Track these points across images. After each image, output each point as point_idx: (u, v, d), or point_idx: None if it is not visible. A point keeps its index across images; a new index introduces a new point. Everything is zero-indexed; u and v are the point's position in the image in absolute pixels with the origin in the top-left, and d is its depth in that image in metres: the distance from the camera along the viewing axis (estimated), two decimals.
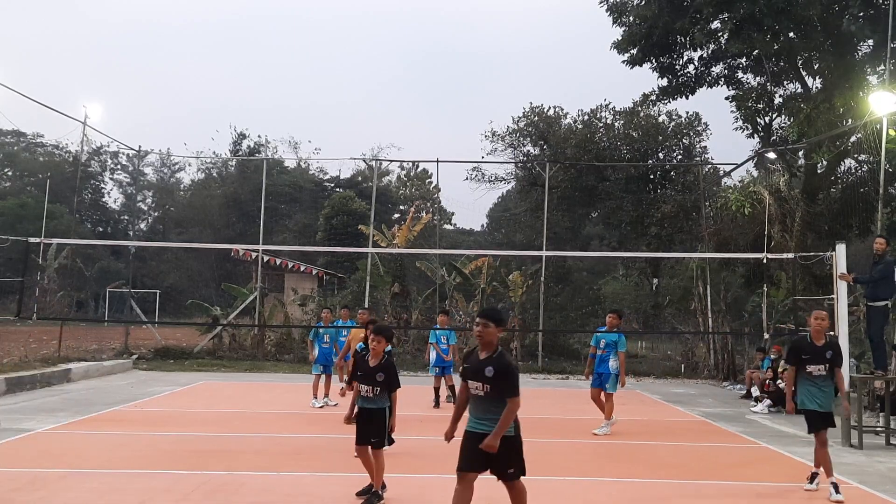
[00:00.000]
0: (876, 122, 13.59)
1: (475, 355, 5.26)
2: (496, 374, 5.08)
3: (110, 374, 17.86)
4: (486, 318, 5.23)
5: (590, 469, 8.66)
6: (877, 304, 11.19)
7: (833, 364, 7.53)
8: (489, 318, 5.23)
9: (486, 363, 5.11)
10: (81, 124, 20.52)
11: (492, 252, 28.06)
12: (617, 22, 21.90)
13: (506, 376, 5.09)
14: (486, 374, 5.07)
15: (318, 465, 8.33)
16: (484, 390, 5.10)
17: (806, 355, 7.57)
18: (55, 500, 6.62)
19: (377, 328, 7.03)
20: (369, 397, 6.66)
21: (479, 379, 5.11)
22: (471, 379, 5.20)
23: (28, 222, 33.95)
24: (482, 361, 5.15)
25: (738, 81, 22.37)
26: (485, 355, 5.17)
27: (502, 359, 5.17)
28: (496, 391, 5.08)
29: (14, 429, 9.96)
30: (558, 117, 30.37)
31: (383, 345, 6.79)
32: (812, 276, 18.37)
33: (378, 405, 6.66)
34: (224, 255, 37.43)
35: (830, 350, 7.57)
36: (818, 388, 7.52)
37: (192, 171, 58.66)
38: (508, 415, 5.06)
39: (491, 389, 5.08)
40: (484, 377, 5.09)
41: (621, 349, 10.89)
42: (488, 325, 5.18)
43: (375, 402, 6.66)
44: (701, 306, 21.31)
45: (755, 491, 7.64)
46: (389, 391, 6.69)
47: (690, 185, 25.79)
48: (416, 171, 49.86)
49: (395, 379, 6.73)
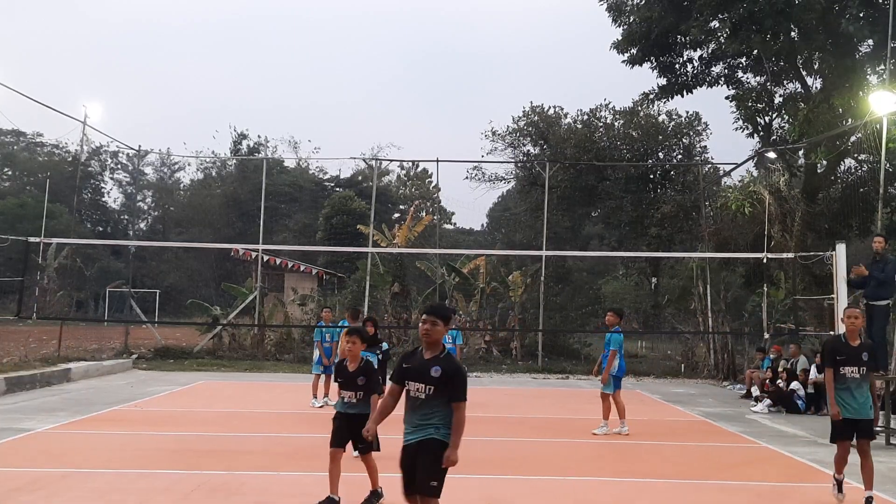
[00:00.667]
0: (876, 121, 13.59)
1: (418, 355, 4.89)
2: (443, 376, 4.73)
3: (110, 373, 17.86)
4: (434, 316, 4.86)
5: (590, 469, 8.66)
6: (878, 303, 11.16)
7: (869, 367, 7.05)
8: (438, 316, 4.87)
9: (433, 363, 4.77)
10: (81, 124, 20.54)
11: (492, 252, 28.06)
12: (616, 21, 21.91)
13: (455, 378, 4.75)
14: (433, 375, 4.73)
15: (318, 464, 8.31)
16: (427, 392, 4.75)
17: (841, 356, 7.04)
18: (55, 499, 6.62)
19: (351, 329, 6.83)
20: (353, 402, 6.48)
21: (423, 380, 4.76)
22: (412, 380, 4.83)
23: (28, 222, 33.95)
24: (428, 361, 4.80)
25: (738, 81, 22.37)
26: (430, 355, 4.83)
27: (451, 360, 4.86)
28: (440, 394, 4.73)
29: (14, 428, 9.96)
30: (558, 117, 30.38)
31: (359, 346, 6.57)
32: (812, 276, 18.36)
33: (361, 410, 6.40)
34: (224, 254, 37.44)
35: (866, 351, 7.08)
36: (850, 392, 7.03)
37: (191, 170, 58.72)
38: (461, 422, 4.73)
39: (435, 392, 4.73)
40: (430, 378, 4.74)
41: (613, 347, 10.77)
42: (437, 322, 4.81)
43: (358, 408, 6.44)
44: (701, 306, 21.31)
45: (755, 491, 7.64)
46: (369, 395, 6.48)
47: (690, 184, 25.79)
48: (415, 170, 49.85)
49: (375, 382, 6.52)
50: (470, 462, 8.62)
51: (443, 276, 23.74)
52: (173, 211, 54.14)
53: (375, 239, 25.08)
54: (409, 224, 26.64)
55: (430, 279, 24.83)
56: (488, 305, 24.59)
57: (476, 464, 8.48)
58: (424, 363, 4.80)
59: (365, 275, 22.35)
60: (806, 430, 11.64)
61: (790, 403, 13.92)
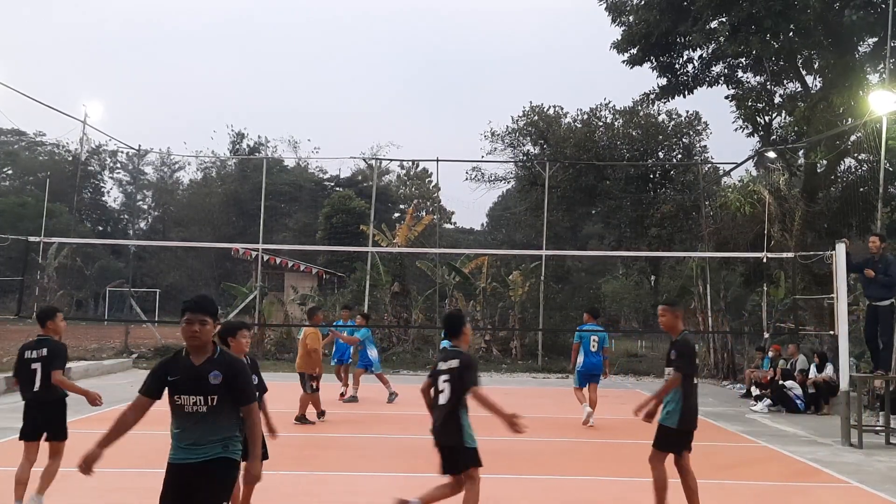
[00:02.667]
0: (876, 121, 13.58)
1: (183, 361, 3.96)
2: (227, 380, 3.89)
3: (110, 373, 17.86)
4: (201, 313, 3.94)
5: (590, 469, 8.66)
6: (882, 303, 11.09)
7: (674, 366, 6.10)
8: (206, 313, 3.96)
9: (208, 368, 3.90)
10: (81, 123, 20.54)
11: (492, 251, 28.07)
12: (616, 21, 21.88)
13: (241, 378, 3.95)
14: (212, 382, 3.86)
15: (318, 464, 8.33)
16: (209, 404, 3.87)
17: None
18: (55, 498, 6.62)
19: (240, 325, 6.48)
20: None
21: (200, 391, 3.87)
22: (183, 394, 3.90)
23: (28, 221, 33.95)
24: (201, 367, 3.90)
25: (737, 81, 22.35)
26: (202, 359, 3.93)
27: (227, 357, 4.05)
28: (225, 402, 3.90)
29: (14, 428, 9.93)
30: (558, 116, 30.39)
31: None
32: (812, 276, 18.35)
33: None
34: (224, 253, 37.47)
35: (673, 350, 6.16)
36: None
37: (191, 170, 58.78)
38: (255, 428, 4.03)
39: (218, 401, 3.88)
40: (208, 387, 3.86)
41: (576, 340, 11.67)
42: (206, 322, 3.94)
43: None
44: (701, 305, 21.31)
45: (755, 490, 7.64)
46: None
47: (690, 184, 25.81)
48: (415, 170, 49.84)
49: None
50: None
51: (443, 276, 23.75)
52: (173, 210, 54.16)
53: (375, 238, 25.09)
54: (409, 224, 26.64)
55: (430, 279, 24.84)
56: (488, 305, 24.60)
57: None
58: (196, 370, 3.91)
59: (365, 274, 22.36)
60: (806, 430, 11.64)
61: (790, 403, 13.93)
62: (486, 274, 24.37)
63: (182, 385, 3.92)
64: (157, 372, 4.06)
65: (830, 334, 12.71)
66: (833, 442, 10.48)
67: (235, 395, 3.95)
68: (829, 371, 13.95)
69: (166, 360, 4.11)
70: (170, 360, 4.07)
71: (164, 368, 4.03)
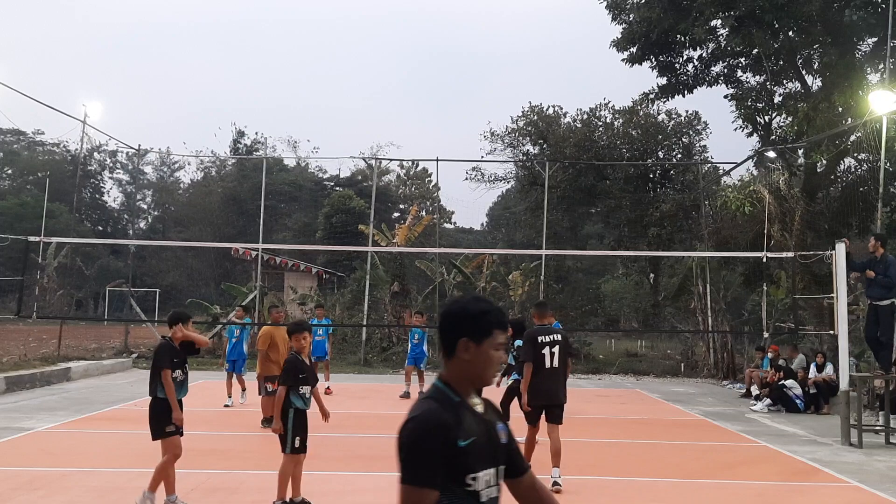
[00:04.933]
0: (876, 120, 13.58)
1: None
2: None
3: (110, 372, 17.87)
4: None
5: (589, 468, 8.66)
6: (882, 303, 11.10)
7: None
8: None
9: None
10: (81, 123, 20.52)
11: (491, 251, 28.06)
12: (616, 20, 21.88)
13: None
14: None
15: (317, 464, 8.32)
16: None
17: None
18: (55, 498, 6.62)
19: (303, 325, 6.89)
20: (308, 397, 6.50)
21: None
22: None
23: (28, 221, 33.92)
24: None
25: (737, 80, 22.36)
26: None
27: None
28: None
29: (14, 427, 9.96)
30: (557, 116, 30.33)
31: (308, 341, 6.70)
32: (812, 275, 18.35)
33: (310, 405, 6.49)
34: (224, 253, 37.43)
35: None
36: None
37: (191, 169, 58.71)
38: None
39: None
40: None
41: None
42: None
43: (311, 402, 6.52)
44: (701, 305, 21.31)
45: (755, 490, 7.63)
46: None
47: (690, 184, 25.79)
48: (415, 169, 49.82)
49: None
50: None
51: (442, 275, 23.74)
52: (173, 210, 54.12)
53: (375, 238, 25.08)
54: (410, 224, 26.63)
55: (429, 278, 24.83)
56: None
57: None
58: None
59: (365, 274, 22.36)
60: (806, 430, 11.64)
61: (790, 402, 13.93)
62: (486, 274, 24.37)
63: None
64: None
65: (830, 334, 12.71)
66: (833, 441, 10.48)
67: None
68: (829, 371, 13.96)
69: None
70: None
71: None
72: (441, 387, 2.33)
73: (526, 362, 7.61)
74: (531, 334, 7.70)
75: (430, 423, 2.18)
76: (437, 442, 2.15)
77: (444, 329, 2.37)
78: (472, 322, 2.32)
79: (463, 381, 2.35)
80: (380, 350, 22.42)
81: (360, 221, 31.87)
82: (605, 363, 23.05)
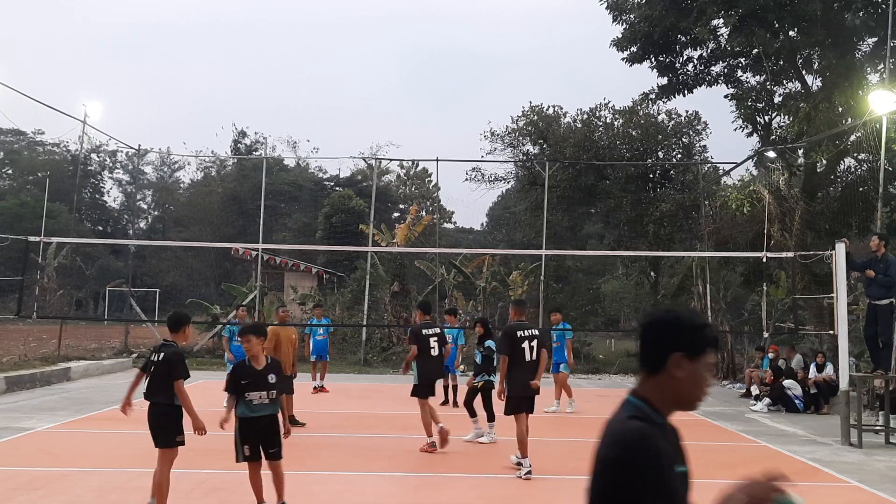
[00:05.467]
0: (876, 120, 13.58)
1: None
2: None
3: (110, 372, 17.86)
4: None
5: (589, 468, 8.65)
6: (881, 302, 11.09)
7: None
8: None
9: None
10: (81, 123, 20.53)
11: (491, 251, 28.06)
12: (617, 20, 21.89)
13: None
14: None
15: (317, 464, 8.33)
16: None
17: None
18: (55, 498, 6.62)
19: (248, 328, 6.56)
20: (264, 404, 6.19)
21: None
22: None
23: (28, 221, 33.91)
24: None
25: (737, 80, 22.36)
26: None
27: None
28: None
29: (14, 427, 9.96)
30: (557, 116, 30.33)
31: (255, 344, 6.26)
32: (812, 275, 18.36)
33: (272, 412, 6.22)
34: (224, 253, 37.44)
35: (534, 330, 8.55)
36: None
37: (191, 169, 58.67)
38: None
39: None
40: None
41: (568, 336, 13.32)
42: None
43: (269, 409, 6.21)
44: (700, 305, 21.32)
45: None
46: (279, 394, 6.24)
47: (690, 183, 25.79)
48: (415, 169, 49.83)
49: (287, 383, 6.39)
50: (470, 462, 8.63)
51: (442, 275, 23.74)
52: (173, 210, 54.11)
53: (375, 238, 25.08)
54: (410, 224, 26.64)
55: (429, 278, 24.84)
56: (488, 305, 24.61)
57: (476, 464, 8.49)
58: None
59: (364, 274, 22.36)
60: (805, 430, 11.64)
61: (790, 402, 13.94)
62: (486, 274, 24.37)
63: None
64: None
65: (830, 334, 12.72)
66: (833, 441, 10.48)
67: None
68: (829, 371, 13.96)
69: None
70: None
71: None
72: (640, 404, 2.05)
73: (503, 355, 8.13)
74: (510, 329, 8.25)
75: (651, 443, 1.90)
76: (664, 466, 1.88)
77: (652, 339, 2.06)
78: (688, 335, 2.02)
79: (667, 400, 2.05)
80: (380, 350, 22.43)
81: (360, 221, 31.88)
82: (605, 363, 23.06)
